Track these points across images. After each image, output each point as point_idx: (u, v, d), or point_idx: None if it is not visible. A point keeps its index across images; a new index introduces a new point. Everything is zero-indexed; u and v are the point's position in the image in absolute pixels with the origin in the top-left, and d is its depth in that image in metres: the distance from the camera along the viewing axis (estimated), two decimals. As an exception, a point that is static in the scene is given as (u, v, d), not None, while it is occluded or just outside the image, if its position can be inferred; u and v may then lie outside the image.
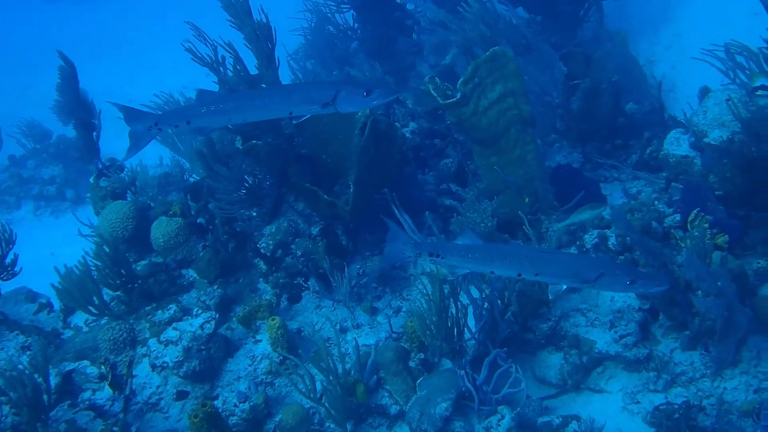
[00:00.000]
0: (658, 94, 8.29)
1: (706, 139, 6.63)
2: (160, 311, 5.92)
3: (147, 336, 5.83)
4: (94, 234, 6.45)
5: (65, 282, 5.82)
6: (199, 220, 6.48)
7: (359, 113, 6.40)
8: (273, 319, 5.61)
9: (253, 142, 6.06)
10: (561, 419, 5.46)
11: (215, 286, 6.18)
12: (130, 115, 4.63)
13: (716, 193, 6.26)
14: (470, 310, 5.62)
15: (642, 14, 11.53)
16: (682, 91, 8.35)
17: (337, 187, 6.55)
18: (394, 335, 5.95)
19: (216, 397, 5.60)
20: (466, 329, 5.57)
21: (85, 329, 6.20)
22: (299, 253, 6.24)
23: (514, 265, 4.41)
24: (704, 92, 7.71)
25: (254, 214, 6.40)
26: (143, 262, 6.46)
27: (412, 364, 5.66)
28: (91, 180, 6.89)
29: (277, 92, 4.76)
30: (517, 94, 6.53)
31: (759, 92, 7.05)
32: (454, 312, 5.41)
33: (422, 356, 5.68)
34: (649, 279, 4.48)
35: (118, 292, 6.15)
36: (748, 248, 6.12)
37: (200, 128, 4.65)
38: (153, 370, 5.71)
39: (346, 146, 6.44)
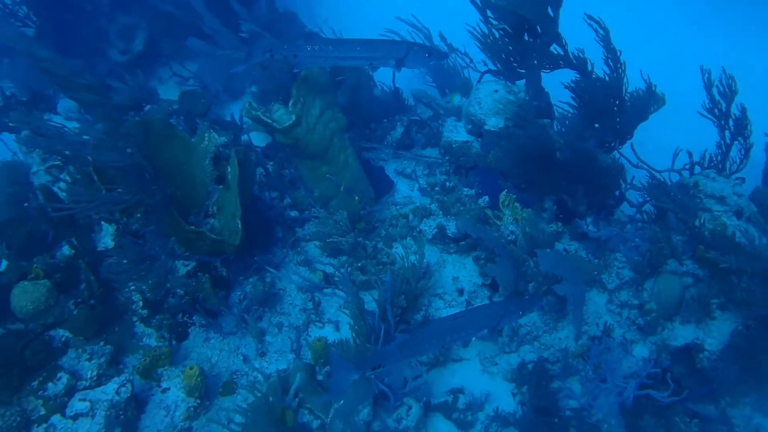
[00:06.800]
0: (392, 80, 9.17)
1: (486, 127, 7.79)
2: (50, 383, 5.51)
3: (43, 413, 5.41)
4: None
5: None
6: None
7: (206, 142, 6.45)
8: (191, 368, 5.62)
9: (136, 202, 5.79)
10: (452, 396, 6.39)
11: (101, 343, 5.89)
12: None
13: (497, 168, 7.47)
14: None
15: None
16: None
17: (192, 218, 6.52)
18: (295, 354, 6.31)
19: (138, 458, 5.53)
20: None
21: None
22: (181, 292, 6.18)
23: (439, 341, 4.91)
24: (465, 85, 9.05)
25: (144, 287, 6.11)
26: (-2, 332, 5.85)
27: (319, 377, 6.11)
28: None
29: (366, 45, 5.50)
30: (333, 106, 7.14)
31: None
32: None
33: (328, 369, 6.15)
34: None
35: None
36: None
37: (300, 63, 5.61)
38: (67, 449, 5.39)
39: (192, 177, 6.53)
